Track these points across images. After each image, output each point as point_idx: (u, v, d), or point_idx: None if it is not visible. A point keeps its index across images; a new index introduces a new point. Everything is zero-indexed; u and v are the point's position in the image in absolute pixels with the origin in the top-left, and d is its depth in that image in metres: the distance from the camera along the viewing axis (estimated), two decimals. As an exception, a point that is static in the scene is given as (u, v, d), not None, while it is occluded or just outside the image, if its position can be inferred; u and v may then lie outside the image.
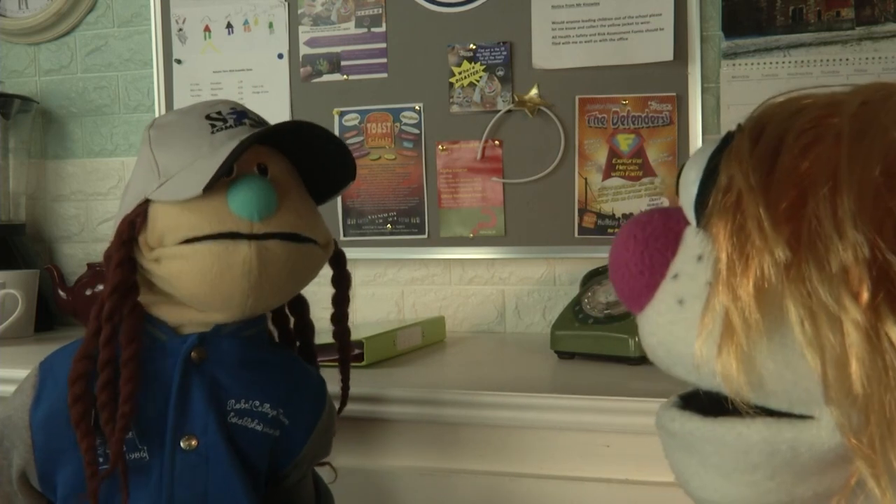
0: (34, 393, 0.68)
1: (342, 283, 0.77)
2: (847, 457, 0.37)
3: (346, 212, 1.42)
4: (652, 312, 0.43)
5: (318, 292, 0.77)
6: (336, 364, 0.79)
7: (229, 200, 0.64)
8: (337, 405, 0.79)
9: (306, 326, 0.78)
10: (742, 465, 0.39)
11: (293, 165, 0.71)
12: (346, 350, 0.78)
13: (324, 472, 0.80)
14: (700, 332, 0.38)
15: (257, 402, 0.69)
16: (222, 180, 0.64)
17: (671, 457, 0.44)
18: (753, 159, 0.38)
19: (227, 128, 0.67)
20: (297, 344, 0.79)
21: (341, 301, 0.78)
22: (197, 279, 0.64)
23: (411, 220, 1.40)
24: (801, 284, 0.35)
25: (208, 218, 0.64)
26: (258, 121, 0.71)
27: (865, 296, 0.33)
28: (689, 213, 0.43)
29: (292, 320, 0.78)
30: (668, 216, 0.45)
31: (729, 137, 0.42)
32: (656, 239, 0.43)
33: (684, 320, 0.40)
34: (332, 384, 0.78)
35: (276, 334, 0.78)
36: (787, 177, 0.37)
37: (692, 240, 0.42)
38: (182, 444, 0.66)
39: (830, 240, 0.34)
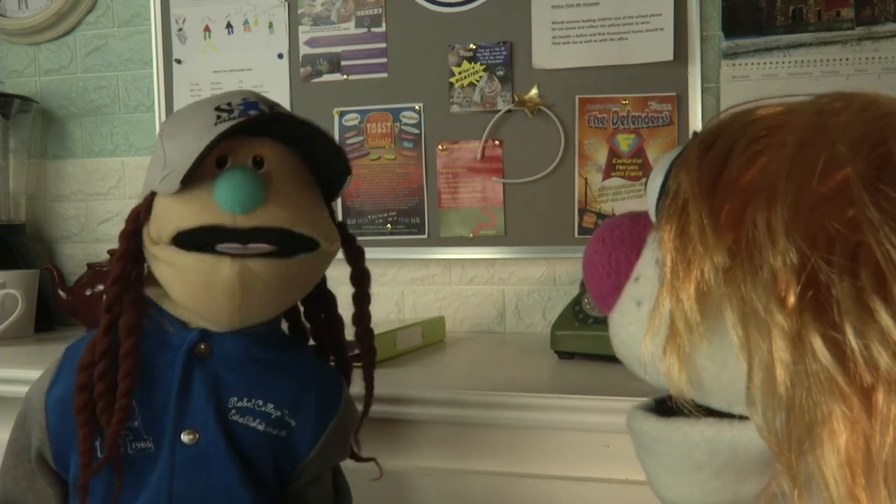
0: (52, 376, 0.70)
1: (362, 280, 0.75)
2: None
3: (346, 212, 1.42)
4: (616, 313, 0.45)
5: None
6: (356, 364, 0.78)
7: (214, 192, 0.63)
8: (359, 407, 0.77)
9: (335, 321, 0.77)
10: (688, 464, 0.40)
11: (301, 161, 0.69)
12: (370, 352, 0.76)
13: (367, 469, 0.78)
14: (647, 332, 0.40)
15: (260, 402, 0.68)
16: (217, 173, 0.64)
17: (638, 457, 0.46)
18: (701, 168, 0.39)
19: (230, 119, 0.65)
20: (328, 339, 0.77)
21: (362, 299, 0.76)
22: (182, 289, 0.64)
23: (411, 220, 1.40)
24: (736, 289, 0.36)
25: (195, 210, 0.63)
26: (271, 110, 0.68)
27: (791, 301, 0.34)
28: (653, 217, 0.44)
29: (323, 316, 0.77)
30: (636, 220, 0.46)
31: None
32: (622, 242, 0.45)
33: (640, 321, 0.42)
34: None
35: (308, 330, 0.77)
36: (731, 185, 0.38)
37: (653, 244, 0.43)
38: (184, 437, 0.66)
39: (764, 247, 0.35)
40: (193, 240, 0.63)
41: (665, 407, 0.44)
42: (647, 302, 0.41)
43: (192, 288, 0.63)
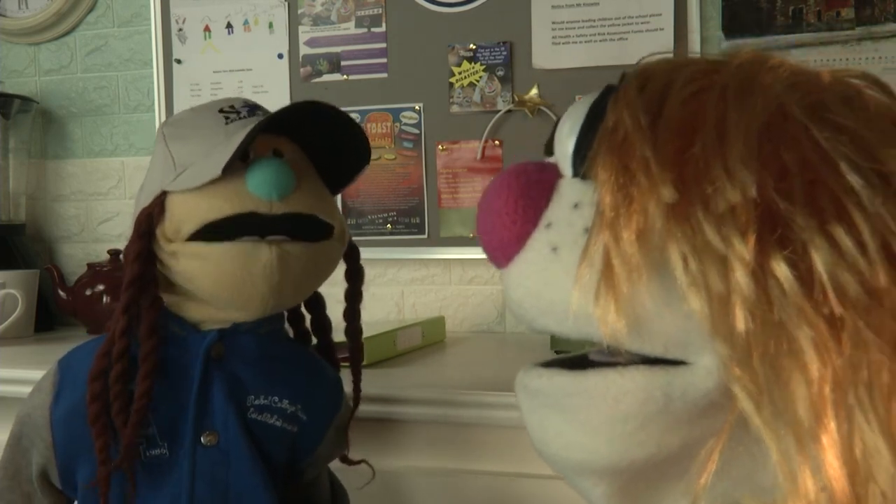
0: (54, 391, 0.68)
1: (356, 277, 0.76)
2: (719, 403, 0.37)
3: (346, 212, 1.42)
4: (522, 262, 0.42)
5: (327, 293, 0.76)
6: (345, 363, 0.78)
7: (248, 180, 0.64)
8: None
9: (323, 323, 0.78)
10: (613, 415, 0.38)
11: (307, 156, 0.70)
12: (358, 349, 0.77)
13: (362, 472, 0.79)
14: (578, 277, 0.38)
15: (276, 398, 0.69)
16: (239, 165, 0.64)
17: (532, 418, 0.43)
18: (641, 102, 0.39)
19: (240, 118, 0.68)
20: (315, 341, 0.78)
21: (354, 297, 0.76)
22: (216, 280, 0.64)
23: (411, 220, 1.40)
24: (686, 225, 0.35)
25: (227, 199, 0.63)
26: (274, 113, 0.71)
27: (752, 233, 0.34)
28: (566, 165, 0.43)
29: (308, 318, 0.78)
30: (542, 168, 0.44)
31: (609, 89, 0.42)
32: (530, 188, 0.43)
33: (558, 267, 0.40)
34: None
35: (291, 332, 0.78)
36: (674, 121, 0.37)
37: (568, 189, 0.42)
38: (203, 440, 0.66)
39: (719, 179, 0.35)
40: (220, 231, 0.63)
41: (567, 364, 0.43)
42: (565, 247, 0.40)
43: (227, 276, 0.63)
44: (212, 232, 0.63)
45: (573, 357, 0.45)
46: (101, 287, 1.33)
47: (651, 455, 0.39)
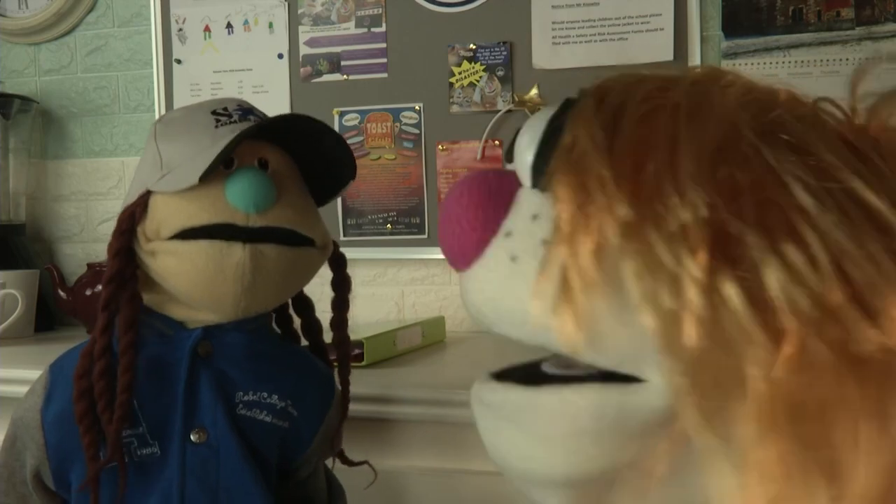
0: (45, 393, 0.68)
1: (342, 286, 0.76)
2: (672, 420, 0.37)
3: (346, 212, 1.42)
4: (481, 269, 0.42)
5: (321, 293, 0.76)
6: (335, 363, 0.79)
7: (226, 191, 0.64)
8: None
9: (312, 326, 0.77)
10: (568, 431, 0.39)
11: (296, 165, 0.70)
12: (346, 358, 0.77)
13: (363, 471, 0.79)
14: (536, 289, 0.38)
15: (265, 394, 0.69)
16: (222, 172, 0.64)
17: (489, 431, 0.44)
18: (598, 120, 0.39)
19: (231, 122, 0.67)
20: (307, 343, 0.78)
21: (341, 305, 0.76)
22: (189, 278, 0.64)
23: (411, 220, 1.40)
24: (639, 243, 0.35)
25: (205, 208, 0.63)
26: (265, 118, 0.70)
27: (703, 253, 0.34)
28: (525, 175, 0.43)
29: (298, 321, 0.78)
30: (502, 176, 0.45)
31: (568, 103, 0.42)
32: (490, 196, 0.43)
33: (517, 277, 0.40)
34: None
35: (280, 334, 0.78)
36: (629, 139, 0.38)
37: (527, 200, 0.42)
38: (192, 437, 0.66)
39: (670, 199, 0.35)
40: (199, 236, 0.64)
41: (521, 376, 0.44)
42: (524, 257, 0.40)
43: (200, 274, 0.63)
44: (192, 236, 0.64)
45: (527, 365, 0.45)
46: (101, 287, 1.32)
47: (605, 468, 0.39)
